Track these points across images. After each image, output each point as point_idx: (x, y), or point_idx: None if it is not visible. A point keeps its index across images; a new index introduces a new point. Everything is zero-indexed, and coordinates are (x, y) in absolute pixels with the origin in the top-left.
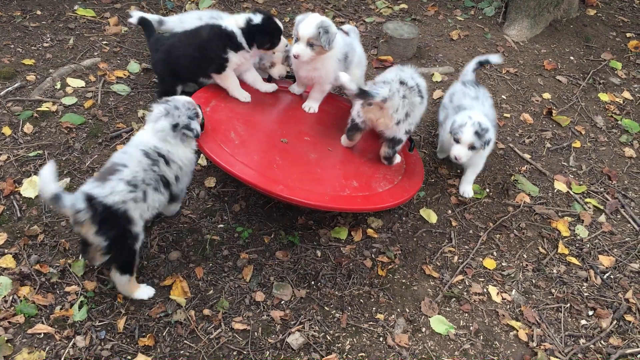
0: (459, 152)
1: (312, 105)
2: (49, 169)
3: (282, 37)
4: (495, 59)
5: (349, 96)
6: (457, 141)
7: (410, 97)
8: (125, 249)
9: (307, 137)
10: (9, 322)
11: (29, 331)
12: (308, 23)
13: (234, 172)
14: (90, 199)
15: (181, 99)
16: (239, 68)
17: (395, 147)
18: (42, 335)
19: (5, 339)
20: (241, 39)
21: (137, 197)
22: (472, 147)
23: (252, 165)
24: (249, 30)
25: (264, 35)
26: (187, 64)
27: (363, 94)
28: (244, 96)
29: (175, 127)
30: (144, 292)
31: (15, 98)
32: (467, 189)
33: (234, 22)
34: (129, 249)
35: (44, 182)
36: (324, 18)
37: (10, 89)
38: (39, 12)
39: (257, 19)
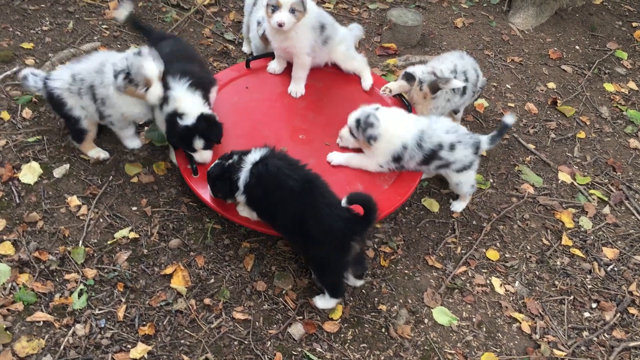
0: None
1: (297, 90)
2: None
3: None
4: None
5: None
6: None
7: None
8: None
9: (302, 134)
10: (8, 310)
11: (28, 319)
12: None
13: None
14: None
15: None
16: None
17: None
18: (42, 323)
19: (4, 326)
20: None
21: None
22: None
23: None
24: None
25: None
26: None
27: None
28: None
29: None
30: (95, 152)
31: (13, 82)
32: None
33: None
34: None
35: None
36: None
37: (8, 73)
38: None
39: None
